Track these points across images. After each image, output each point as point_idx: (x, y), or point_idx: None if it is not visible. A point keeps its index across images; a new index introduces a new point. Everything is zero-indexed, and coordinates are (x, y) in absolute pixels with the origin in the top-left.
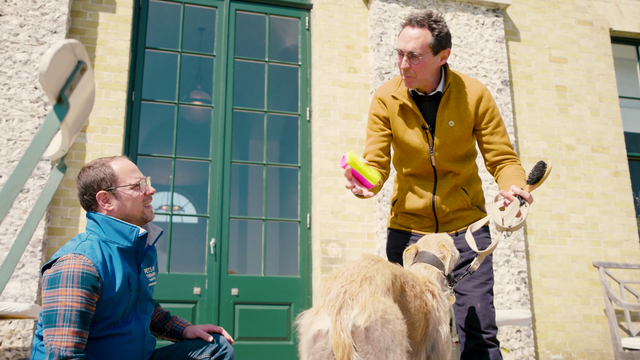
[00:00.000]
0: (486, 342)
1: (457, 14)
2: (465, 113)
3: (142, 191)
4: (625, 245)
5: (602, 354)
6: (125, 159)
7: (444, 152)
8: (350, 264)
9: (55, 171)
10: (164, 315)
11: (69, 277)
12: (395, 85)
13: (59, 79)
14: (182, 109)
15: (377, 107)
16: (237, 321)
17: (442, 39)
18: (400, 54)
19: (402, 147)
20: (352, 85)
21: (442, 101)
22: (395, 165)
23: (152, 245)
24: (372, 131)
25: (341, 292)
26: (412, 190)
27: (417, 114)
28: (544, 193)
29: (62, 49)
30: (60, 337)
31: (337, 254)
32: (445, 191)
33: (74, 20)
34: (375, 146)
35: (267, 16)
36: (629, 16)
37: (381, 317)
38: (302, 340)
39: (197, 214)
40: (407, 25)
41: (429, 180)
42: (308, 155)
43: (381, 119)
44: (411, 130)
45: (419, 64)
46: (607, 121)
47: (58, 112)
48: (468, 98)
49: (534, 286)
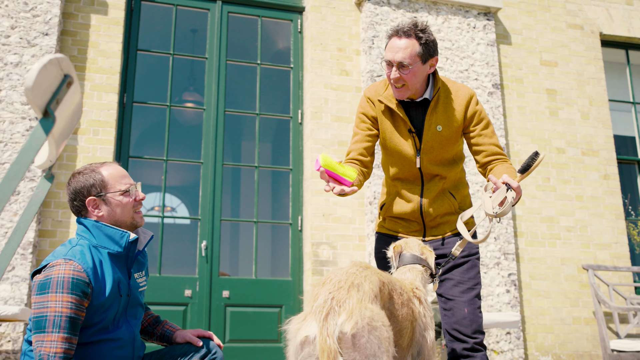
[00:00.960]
0: (473, 347)
1: (449, 17)
2: (453, 117)
3: (132, 197)
4: (614, 247)
5: (590, 356)
6: (115, 164)
7: (431, 156)
8: (339, 271)
9: (43, 181)
10: (154, 320)
11: (59, 283)
12: (383, 87)
13: (44, 92)
14: (174, 111)
15: (366, 107)
16: (228, 323)
17: (429, 48)
18: (389, 64)
19: (389, 150)
20: (344, 88)
21: (431, 106)
22: (383, 168)
23: (142, 250)
24: (358, 129)
25: (328, 299)
26: (400, 194)
27: (404, 118)
28: (534, 196)
29: (48, 63)
30: (50, 343)
31: (328, 256)
32: (433, 195)
33: (66, 23)
34: (360, 145)
35: (259, 19)
36: (619, 20)
37: (368, 324)
38: (290, 346)
39: (189, 216)
40: (394, 37)
41: (416, 184)
42: (300, 157)
43: (369, 119)
44: (398, 134)
45: (409, 73)
46: (597, 124)
47: (44, 126)
48: (456, 103)
49: (524, 288)
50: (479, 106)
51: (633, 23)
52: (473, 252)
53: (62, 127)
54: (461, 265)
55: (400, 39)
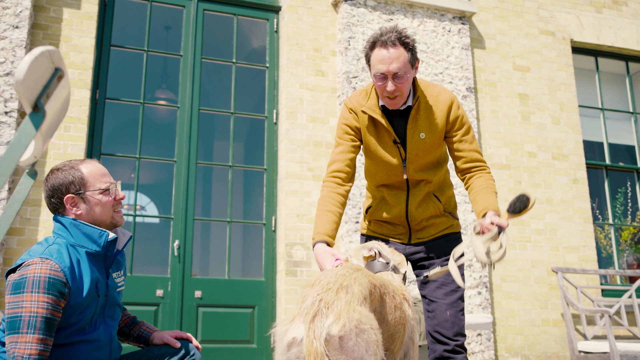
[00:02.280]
0: (454, 349)
1: (424, 20)
2: (435, 123)
3: (111, 196)
4: (582, 251)
5: (558, 357)
6: (96, 162)
7: (416, 164)
8: (329, 272)
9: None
10: (130, 320)
11: (35, 283)
12: (364, 98)
13: (35, 86)
14: (146, 108)
15: (349, 118)
16: (200, 324)
17: (414, 52)
18: (383, 77)
19: (375, 160)
20: (320, 88)
21: (412, 114)
22: (367, 176)
23: (121, 249)
24: (342, 140)
25: (316, 300)
26: (385, 200)
27: (388, 129)
28: (506, 199)
29: (39, 56)
30: (24, 344)
31: (302, 257)
32: (418, 200)
33: (37, 16)
34: (345, 156)
35: (235, 17)
36: (589, 28)
37: (356, 327)
38: (277, 348)
39: (161, 215)
40: (380, 48)
41: (401, 190)
42: (274, 157)
43: (353, 130)
44: (383, 144)
45: (404, 82)
46: (567, 129)
47: (34, 121)
48: (437, 108)
49: (495, 290)
50: (461, 111)
51: (602, 31)
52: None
53: (49, 122)
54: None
55: (388, 50)
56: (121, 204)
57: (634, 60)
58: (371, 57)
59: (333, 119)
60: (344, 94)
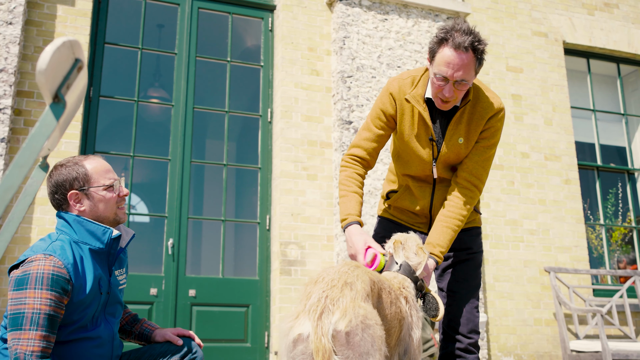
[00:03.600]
0: (467, 348)
1: (419, 20)
2: (475, 129)
3: (115, 192)
4: (574, 251)
5: (550, 356)
6: (100, 158)
7: (447, 164)
8: (330, 270)
9: (38, 170)
10: (132, 318)
11: (38, 279)
12: (410, 85)
13: (56, 77)
14: (140, 106)
15: (387, 103)
16: (194, 323)
17: (483, 59)
18: (443, 79)
19: (406, 150)
20: (314, 87)
21: (457, 116)
22: (393, 158)
23: (124, 247)
24: (372, 126)
25: (322, 297)
26: (410, 190)
27: (428, 124)
28: (499, 199)
29: (61, 46)
30: (27, 341)
31: (297, 256)
32: (443, 196)
33: (31, 12)
34: (369, 144)
35: (229, 15)
36: (581, 29)
37: (362, 322)
38: (282, 344)
39: (155, 214)
40: (452, 49)
41: (427, 183)
42: (269, 156)
43: (387, 117)
44: (417, 138)
45: (464, 89)
46: (560, 130)
47: (55, 111)
48: (482, 114)
49: (488, 290)
50: (499, 124)
51: (594, 33)
52: (477, 249)
53: (67, 113)
54: (465, 261)
55: (459, 54)
56: (125, 200)
57: (625, 62)
58: (437, 53)
59: (328, 118)
60: (338, 94)
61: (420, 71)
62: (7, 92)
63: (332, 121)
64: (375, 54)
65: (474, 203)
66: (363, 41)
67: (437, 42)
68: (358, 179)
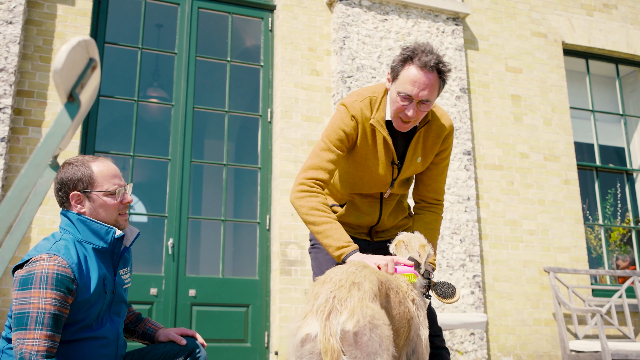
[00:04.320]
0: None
1: (419, 21)
2: (431, 148)
3: (117, 199)
4: (573, 251)
5: (550, 356)
6: (109, 161)
7: (401, 182)
8: (338, 270)
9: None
10: (135, 317)
11: (43, 279)
12: (370, 109)
13: (71, 76)
14: (140, 106)
15: (350, 126)
16: (194, 323)
17: (446, 82)
18: (407, 99)
19: (360, 172)
20: (314, 88)
21: (416, 137)
22: (340, 179)
23: (128, 247)
24: (333, 147)
25: (330, 298)
26: (356, 206)
27: (391, 149)
28: (498, 199)
29: (76, 45)
30: (32, 340)
31: (297, 256)
32: (390, 209)
33: (31, 12)
34: (332, 167)
35: (229, 15)
36: (580, 30)
37: (369, 322)
38: (290, 345)
39: (155, 214)
40: (418, 68)
41: (375, 199)
42: (269, 156)
43: (348, 139)
44: (378, 162)
45: (426, 110)
46: (559, 131)
47: (70, 110)
48: (437, 133)
49: (488, 290)
50: (452, 140)
51: (593, 34)
52: None
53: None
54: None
55: (426, 74)
56: (128, 207)
57: (623, 63)
58: (401, 72)
59: (327, 118)
60: (338, 94)
61: (377, 92)
62: (7, 91)
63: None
64: (375, 54)
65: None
66: (363, 41)
67: (402, 60)
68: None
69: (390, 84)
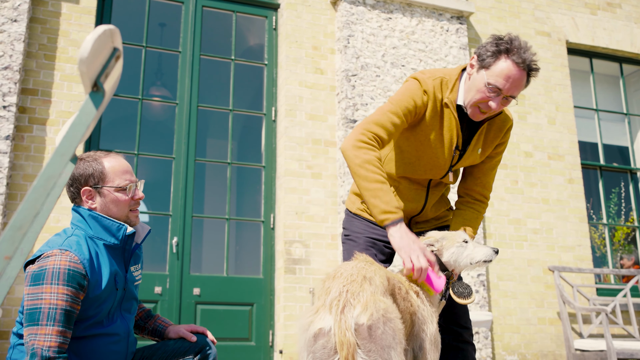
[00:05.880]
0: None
1: (423, 19)
2: (492, 141)
3: (129, 195)
4: (577, 250)
5: (554, 356)
6: (120, 157)
7: (455, 173)
8: (347, 265)
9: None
10: (145, 314)
11: (55, 274)
12: (447, 88)
13: (96, 65)
14: (143, 104)
15: (421, 99)
16: (199, 321)
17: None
18: (495, 91)
19: (419, 152)
20: (319, 86)
21: (483, 128)
22: (396, 160)
23: (140, 243)
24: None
25: (343, 292)
26: (401, 192)
27: (458, 133)
28: (502, 198)
29: (102, 34)
30: (44, 336)
31: (301, 254)
32: (435, 199)
33: (35, 10)
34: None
35: (233, 14)
36: (584, 29)
37: (383, 316)
38: (301, 339)
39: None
40: (514, 64)
41: (422, 186)
42: (273, 155)
43: (416, 111)
44: (440, 143)
45: (507, 104)
46: (563, 130)
47: (94, 100)
48: (499, 126)
49: (492, 289)
50: (509, 135)
51: (597, 33)
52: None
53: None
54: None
55: (520, 71)
56: (139, 204)
57: (627, 62)
58: (495, 63)
59: (332, 116)
60: (342, 92)
61: (448, 74)
62: (12, 89)
63: (336, 120)
64: (379, 52)
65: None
66: (367, 40)
67: (496, 51)
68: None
69: (476, 71)
